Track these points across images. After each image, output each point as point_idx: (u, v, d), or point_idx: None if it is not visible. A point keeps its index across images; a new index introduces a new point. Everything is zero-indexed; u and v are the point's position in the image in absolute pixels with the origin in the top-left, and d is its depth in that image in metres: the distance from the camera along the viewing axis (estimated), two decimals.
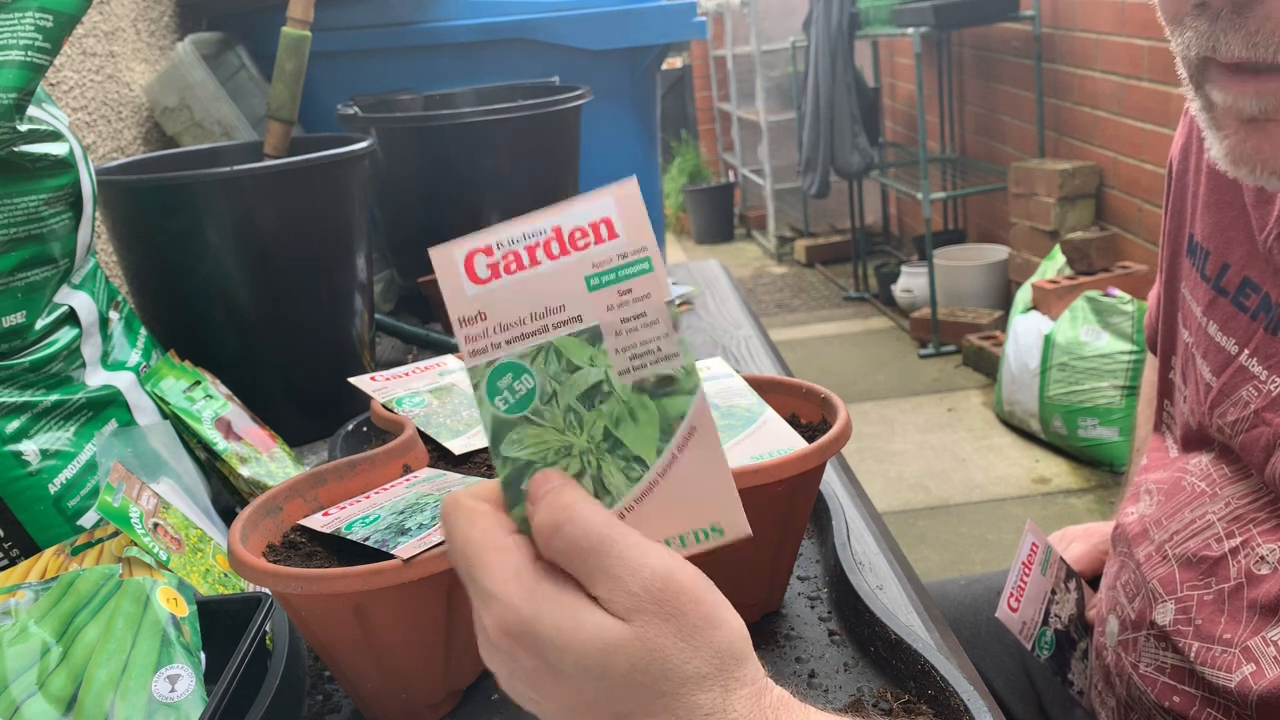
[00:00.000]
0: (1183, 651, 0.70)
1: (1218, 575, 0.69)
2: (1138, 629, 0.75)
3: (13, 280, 0.77)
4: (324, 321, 1.09)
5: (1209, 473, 0.74)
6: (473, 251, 0.41)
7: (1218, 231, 0.73)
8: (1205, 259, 0.74)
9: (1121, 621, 0.78)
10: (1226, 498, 0.71)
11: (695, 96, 6.55)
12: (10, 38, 0.75)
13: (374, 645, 0.60)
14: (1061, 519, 2.69)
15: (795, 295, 4.89)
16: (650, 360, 0.43)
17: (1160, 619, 0.72)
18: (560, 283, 0.42)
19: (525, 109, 1.37)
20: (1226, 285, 0.71)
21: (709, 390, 0.74)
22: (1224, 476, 0.72)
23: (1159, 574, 0.74)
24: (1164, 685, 0.72)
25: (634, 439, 0.43)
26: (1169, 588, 0.72)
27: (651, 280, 0.42)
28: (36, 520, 0.77)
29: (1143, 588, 0.75)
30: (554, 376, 0.42)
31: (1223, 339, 0.71)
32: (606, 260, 0.42)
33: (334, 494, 0.68)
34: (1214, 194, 0.74)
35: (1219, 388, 0.70)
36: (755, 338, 1.31)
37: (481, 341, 0.41)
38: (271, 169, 1.04)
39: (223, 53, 1.55)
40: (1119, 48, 3.15)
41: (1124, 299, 2.84)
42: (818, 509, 0.80)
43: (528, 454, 0.42)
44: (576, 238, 0.42)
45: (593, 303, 0.42)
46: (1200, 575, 0.70)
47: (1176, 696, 0.71)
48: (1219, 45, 0.54)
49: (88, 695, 0.55)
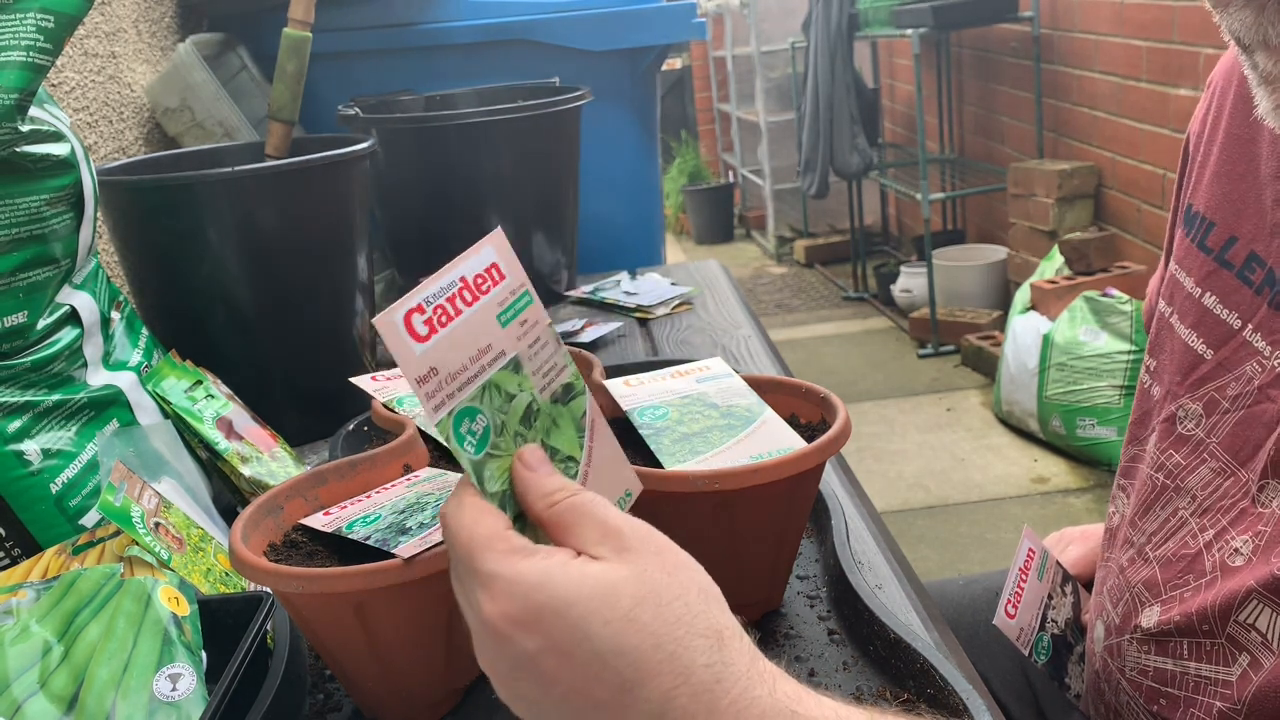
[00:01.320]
0: (1172, 653, 0.70)
1: (1195, 571, 0.69)
2: (1121, 634, 0.75)
3: (14, 280, 0.78)
4: (325, 321, 1.09)
5: (1160, 462, 0.74)
6: (409, 312, 0.44)
7: (1226, 203, 0.72)
8: (1207, 230, 0.73)
9: (1107, 627, 0.78)
10: (1191, 490, 0.71)
11: (695, 97, 6.55)
12: (12, 38, 0.75)
13: (375, 644, 0.60)
14: (1060, 518, 2.70)
15: (795, 295, 4.89)
16: (554, 375, 0.50)
17: (1145, 622, 0.72)
18: (481, 325, 0.47)
19: (526, 110, 1.37)
20: (1231, 258, 0.70)
21: (709, 390, 0.75)
22: (1178, 466, 0.72)
23: (1142, 577, 0.74)
24: (1149, 689, 0.72)
25: (563, 442, 0.50)
26: (1153, 590, 0.72)
27: (536, 308, 0.50)
28: (38, 520, 0.77)
29: (1126, 592, 0.75)
30: (499, 409, 0.47)
31: (1223, 311, 0.70)
32: (504, 298, 0.48)
33: (335, 493, 0.68)
34: (1227, 164, 0.73)
35: (1217, 360, 0.70)
36: (755, 338, 1.31)
37: (439, 395, 0.45)
38: (273, 169, 1.04)
39: (224, 53, 1.55)
40: (1117, 48, 3.16)
41: (1122, 299, 2.84)
42: (817, 508, 0.80)
43: (501, 485, 0.47)
44: (479, 284, 0.47)
45: (507, 336, 0.48)
46: (1179, 573, 0.70)
47: (1163, 699, 0.71)
48: (1269, 36, 0.55)
49: (89, 694, 0.55)
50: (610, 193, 1.71)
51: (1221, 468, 0.69)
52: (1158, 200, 3.05)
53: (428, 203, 1.41)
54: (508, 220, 1.42)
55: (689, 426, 0.70)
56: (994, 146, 4.12)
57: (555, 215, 1.47)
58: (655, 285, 1.51)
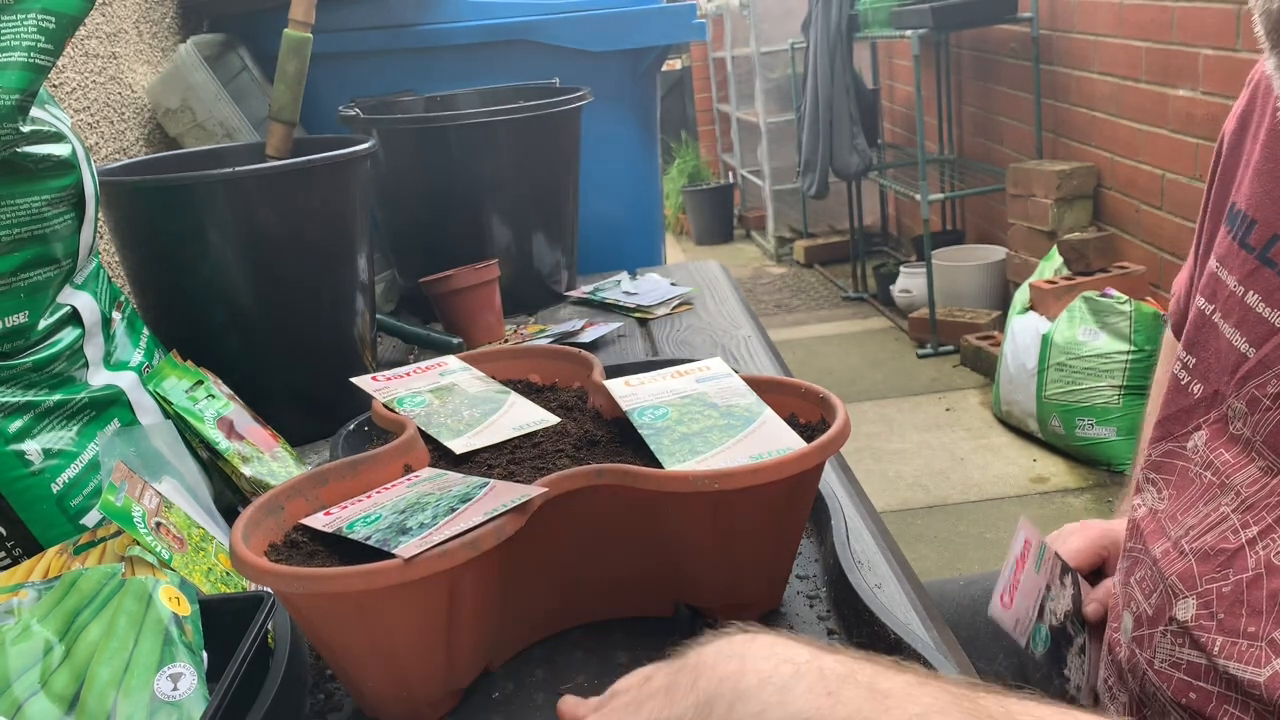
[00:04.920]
0: (1205, 647, 0.69)
1: (1235, 567, 0.68)
2: (1154, 625, 0.75)
3: (15, 280, 0.78)
4: (326, 321, 1.09)
5: (1209, 460, 0.73)
6: None
7: (1268, 200, 0.72)
8: (1249, 228, 0.73)
9: (1137, 618, 0.77)
10: (1236, 487, 0.70)
11: (695, 98, 6.55)
12: (13, 39, 0.75)
13: (375, 644, 0.60)
14: (1059, 518, 2.70)
15: (794, 295, 4.89)
16: None
17: (1181, 615, 0.72)
18: None
19: (526, 110, 1.37)
20: (1274, 256, 0.70)
21: (709, 390, 0.75)
22: (1226, 464, 0.71)
23: (1177, 569, 0.73)
24: (1180, 681, 0.72)
25: None
26: (1189, 583, 0.72)
27: None
28: (39, 519, 0.77)
29: (1160, 584, 0.75)
30: None
31: (1265, 310, 0.70)
32: None
33: (336, 493, 0.68)
34: (1268, 161, 0.72)
35: (1258, 359, 0.70)
36: (754, 338, 1.31)
37: None
38: (273, 170, 1.04)
39: (225, 54, 1.55)
40: (1117, 49, 3.16)
41: (1121, 299, 2.84)
42: (817, 508, 0.80)
43: None
44: None
45: None
46: (1218, 568, 0.70)
47: (1193, 693, 0.70)
48: None
49: (90, 694, 0.55)
50: (610, 193, 1.71)
51: (1268, 466, 0.68)
52: (1156, 201, 3.05)
53: (428, 203, 1.41)
54: (507, 220, 1.42)
55: (689, 426, 0.70)
56: (993, 147, 4.12)
57: (555, 215, 1.47)
58: (655, 285, 1.51)
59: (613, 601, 0.72)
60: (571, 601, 0.71)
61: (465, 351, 1.03)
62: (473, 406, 0.80)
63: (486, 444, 0.74)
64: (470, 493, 0.63)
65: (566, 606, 0.71)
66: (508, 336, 1.35)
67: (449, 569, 0.57)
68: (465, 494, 0.63)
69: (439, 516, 0.60)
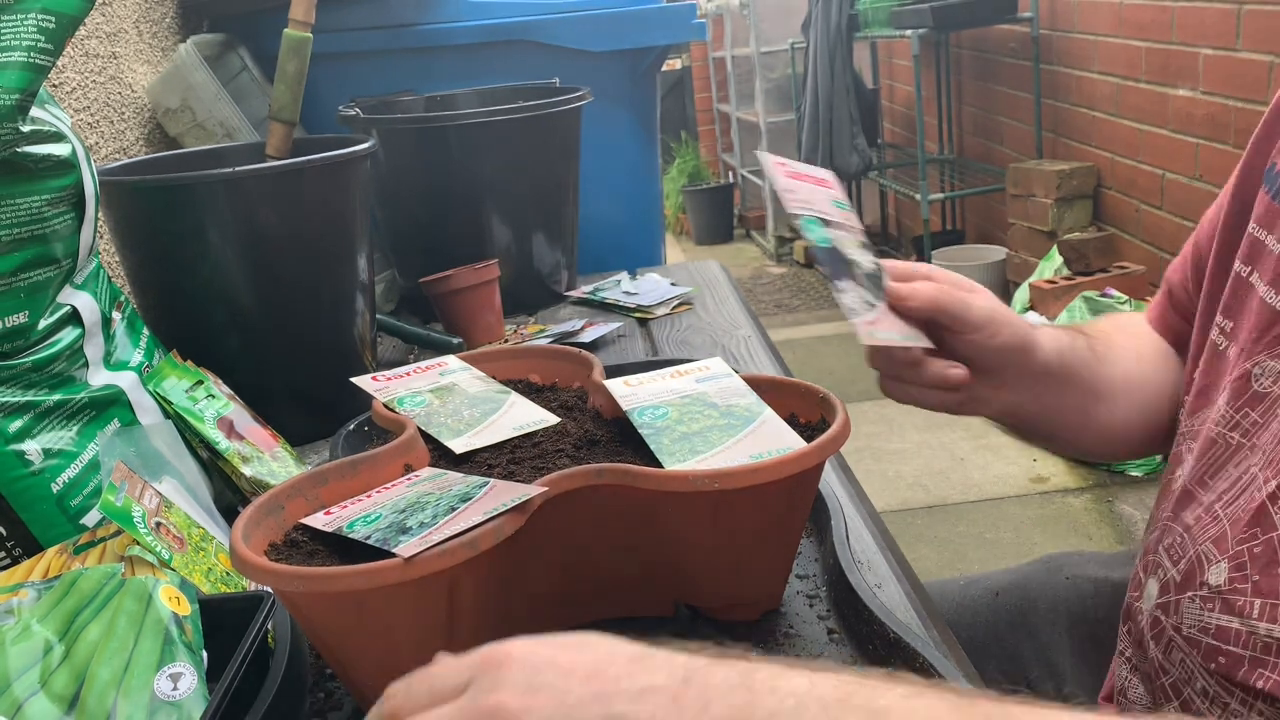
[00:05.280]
0: (1240, 611, 0.69)
1: (1263, 525, 0.68)
2: (1182, 590, 0.74)
3: (15, 280, 0.78)
4: (325, 321, 1.09)
5: (1237, 421, 0.73)
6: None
7: None
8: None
9: (1162, 584, 0.77)
10: (1263, 446, 0.70)
11: (695, 98, 6.55)
12: (13, 39, 0.75)
13: (375, 643, 0.60)
14: (1059, 518, 2.70)
15: (794, 295, 4.89)
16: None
17: (1214, 579, 0.71)
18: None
19: (526, 110, 1.37)
20: None
21: (709, 390, 0.75)
22: (1254, 424, 0.71)
23: (1210, 534, 0.73)
24: (1209, 646, 0.71)
25: None
26: (1222, 547, 0.72)
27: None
28: (39, 519, 0.77)
29: (1192, 548, 0.74)
30: None
31: None
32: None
33: (336, 493, 0.68)
34: None
35: None
36: (754, 337, 1.31)
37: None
38: (273, 170, 1.04)
39: (225, 54, 1.55)
40: (1116, 49, 3.16)
41: (1120, 299, 2.84)
42: (816, 508, 0.80)
43: None
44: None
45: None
46: (1246, 526, 0.69)
47: (1222, 657, 0.70)
48: None
49: (90, 694, 0.55)
50: (610, 193, 1.71)
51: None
52: (1156, 200, 3.05)
53: (428, 203, 1.41)
54: (507, 220, 1.42)
55: (689, 426, 0.70)
56: (993, 147, 4.12)
57: (555, 215, 1.47)
58: (655, 285, 1.51)
59: (613, 601, 0.72)
60: (571, 601, 0.71)
61: (465, 351, 1.03)
62: (473, 406, 0.80)
63: (486, 444, 0.74)
64: (470, 492, 0.63)
65: (566, 606, 0.71)
66: (508, 336, 1.35)
67: (449, 568, 0.57)
68: (465, 493, 0.63)
69: (439, 516, 0.60)
